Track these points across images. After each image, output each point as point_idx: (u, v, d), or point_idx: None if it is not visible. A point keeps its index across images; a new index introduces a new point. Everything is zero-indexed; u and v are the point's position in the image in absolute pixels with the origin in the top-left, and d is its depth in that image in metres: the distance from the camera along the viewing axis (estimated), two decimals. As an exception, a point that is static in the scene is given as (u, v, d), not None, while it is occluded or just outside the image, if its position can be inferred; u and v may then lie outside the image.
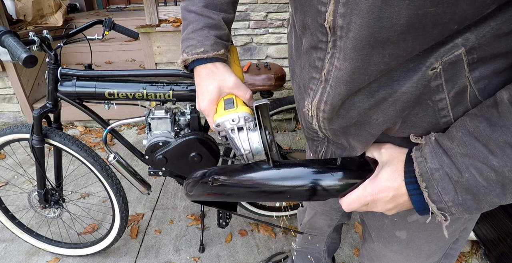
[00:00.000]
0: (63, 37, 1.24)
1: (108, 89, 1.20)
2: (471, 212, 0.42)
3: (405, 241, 0.63)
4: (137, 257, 1.57)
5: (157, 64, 2.82)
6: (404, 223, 0.61)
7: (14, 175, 2.21)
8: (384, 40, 0.37)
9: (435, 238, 0.61)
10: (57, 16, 3.26)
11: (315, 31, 0.45)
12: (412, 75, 0.40)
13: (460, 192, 0.40)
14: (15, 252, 1.60)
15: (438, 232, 0.60)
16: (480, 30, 0.36)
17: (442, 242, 0.62)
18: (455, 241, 0.64)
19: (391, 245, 0.66)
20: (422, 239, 0.62)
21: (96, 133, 2.81)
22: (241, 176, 0.54)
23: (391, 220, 0.63)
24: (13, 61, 1.02)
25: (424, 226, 0.59)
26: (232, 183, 0.55)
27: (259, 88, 1.34)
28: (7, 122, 2.98)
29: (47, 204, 1.43)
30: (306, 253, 1.14)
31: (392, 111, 0.44)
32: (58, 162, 1.42)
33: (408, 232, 0.62)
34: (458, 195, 0.41)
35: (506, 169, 0.37)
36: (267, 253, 1.60)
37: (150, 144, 1.25)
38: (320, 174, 0.51)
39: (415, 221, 0.59)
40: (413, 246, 0.63)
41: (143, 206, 1.93)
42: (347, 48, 0.40)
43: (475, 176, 0.39)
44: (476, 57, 0.38)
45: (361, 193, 0.48)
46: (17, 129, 1.28)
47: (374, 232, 0.69)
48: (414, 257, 0.65)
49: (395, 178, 0.45)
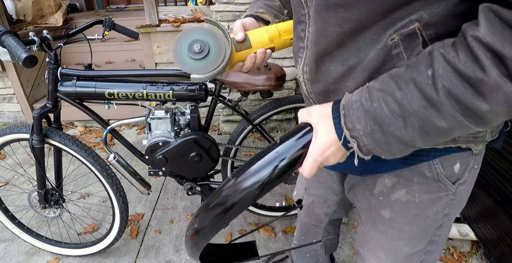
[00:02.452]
0: (63, 37, 1.24)
1: (108, 89, 1.20)
2: (381, 146, 0.46)
3: (389, 221, 0.67)
4: (137, 257, 1.57)
5: (157, 64, 2.82)
6: (388, 201, 0.66)
7: (14, 175, 2.21)
8: (335, 4, 0.47)
9: (416, 218, 0.65)
10: (57, 16, 3.26)
11: (298, 8, 0.56)
12: (376, 45, 0.48)
13: (369, 121, 0.46)
14: (15, 252, 1.60)
15: (418, 212, 0.64)
16: (432, 9, 0.43)
17: (424, 225, 0.65)
18: (439, 227, 0.67)
19: (377, 225, 0.70)
20: (404, 219, 0.66)
21: (96, 133, 2.81)
22: (208, 207, 0.58)
23: (377, 198, 0.67)
24: (13, 61, 1.02)
25: (406, 205, 0.64)
26: (208, 217, 0.58)
27: (259, 88, 1.34)
28: (7, 122, 2.98)
29: (47, 204, 1.43)
30: (305, 252, 1.14)
31: (361, 77, 0.51)
32: (58, 162, 1.42)
33: (391, 211, 0.66)
34: (367, 124, 0.46)
35: (406, 102, 0.42)
36: (267, 253, 1.60)
37: (150, 144, 1.25)
38: (270, 159, 0.53)
39: (397, 199, 0.64)
40: (396, 226, 0.67)
41: (143, 206, 1.93)
42: (312, 14, 0.51)
43: (383, 107, 0.44)
44: (433, 33, 0.45)
45: (311, 159, 0.52)
46: (17, 129, 1.28)
47: (363, 214, 0.73)
48: (397, 238, 0.68)
49: (331, 133, 0.50)
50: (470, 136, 0.55)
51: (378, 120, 0.45)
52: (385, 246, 0.71)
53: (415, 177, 0.61)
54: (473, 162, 0.60)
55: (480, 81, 0.36)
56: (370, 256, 0.77)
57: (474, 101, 0.38)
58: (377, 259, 0.75)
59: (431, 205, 0.63)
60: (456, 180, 0.61)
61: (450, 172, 0.60)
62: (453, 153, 0.57)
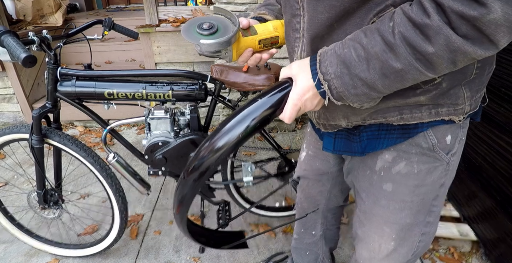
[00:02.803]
0: (63, 37, 1.24)
1: (107, 89, 1.19)
2: (349, 90, 0.53)
3: (391, 193, 0.72)
4: (137, 258, 1.57)
5: (157, 64, 2.82)
6: (389, 175, 0.71)
7: (13, 176, 2.21)
8: None
9: (416, 188, 0.70)
10: (57, 16, 3.25)
11: (293, 3, 0.62)
12: (360, 27, 0.54)
13: (340, 65, 0.52)
14: (15, 253, 1.60)
15: (417, 182, 0.70)
16: None
17: (423, 194, 0.71)
18: (436, 197, 0.73)
19: (379, 200, 0.75)
20: (405, 190, 0.71)
21: (96, 133, 2.81)
22: (202, 148, 0.61)
23: (379, 174, 0.73)
24: (12, 61, 1.02)
25: (406, 176, 0.69)
26: (202, 156, 0.61)
27: (259, 88, 1.34)
28: (6, 122, 2.98)
29: (47, 204, 1.42)
30: (304, 249, 1.14)
31: None
32: (58, 162, 1.41)
33: (393, 184, 0.71)
34: (338, 68, 0.53)
35: (370, 46, 0.49)
36: (267, 253, 1.60)
37: (149, 144, 1.25)
38: (254, 108, 0.59)
39: (398, 172, 0.70)
40: (397, 198, 0.72)
41: (143, 206, 1.92)
42: (305, 5, 0.59)
43: (351, 52, 0.51)
44: None
45: (291, 103, 0.58)
46: (17, 129, 1.28)
47: (364, 193, 0.78)
48: (399, 210, 0.73)
49: (308, 79, 0.57)
50: (451, 109, 0.62)
51: (347, 63, 0.52)
52: (389, 219, 0.75)
53: (413, 148, 0.67)
54: (461, 134, 0.68)
55: (427, 25, 0.44)
56: (372, 233, 0.80)
57: (422, 43, 0.45)
58: (380, 234, 0.78)
59: (429, 175, 0.69)
60: (449, 151, 0.67)
61: (443, 143, 0.66)
62: (442, 125, 0.64)
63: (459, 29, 0.43)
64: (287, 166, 1.54)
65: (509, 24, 0.41)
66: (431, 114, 0.62)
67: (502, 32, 0.42)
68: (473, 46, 0.43)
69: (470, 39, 0.43)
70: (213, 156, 0.59)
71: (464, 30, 0.42)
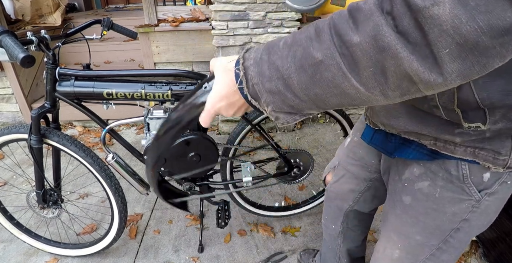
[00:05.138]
0: (62, 36, 1.23)
1: (106, 89, 1.19)
2: (263, 81, 0.44)
3: (408, 206, 0.70)
4: (136, 257, 1.57)
5: (156, 64, 2.82)
6: (411, 189, 0.69)
7: (12, 176, 2.20)
8: None
9: (433, 212, 0.67)
10: (56, 16, 3.25)
11: None
12: None
13: (263, 50, 0.45)
14: (14, 252, 1.60)
15: (436, 207, 0.66)
16: None
17: (439, 221, 0.67)
18: (456, 230, 0.67)
19: (396, 208, 0.74)
20: (421, 209, 0.68)
21: (95, 133, 2.80)
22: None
23: (403, 184, 0.71)
24: (11, 61, 1.02)
25: (426, 196, 0.66)
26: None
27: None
28: (5, 122, 2.98)
29: (46, 204, 1.42)
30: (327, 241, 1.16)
31: None
32: (57, 162, 1.41)
33: (412, 198, 0.69)
34: (260, 53, 0.45)
35: (298, 33, 0.43)
36: (266, 253, 1.60)
37: (149, 144, 1.25)
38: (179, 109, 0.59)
39: (419, 189, 0.67)
40: (411, 213, 0.70)
41: (142, 206, 1.92)
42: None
43: (281, 39, 0.44)
44: None
45: (206, 111, 0.52)
46: (15, 129, 1.28)
47: (389, 195, 0.78)
48: (411, 224, 0.71)
49: (222, 87, 0.48)
50: (490, 155, 0.55)
51: (270, 48, 0.44)
52: (398, 229, 0.75)
53: (441, 172, 0.63)
54: (506, 177, 0.58)
55: (358, 9, 0.36)
56: (383, 236, 0.81)
57: (348, 30, 0.36)
58: (388, 239, 0.79)
59: (450, 204, 0.64)
60: (483, 189, 0.60)
61: (479, 178, 0.59)
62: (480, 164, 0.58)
63: (401, 20, 0.32)
64: (287, 166, 1.54)
65: (456, 35, 0.30)
66: (466, 152, 0.56)
67: (448, 47, 0.31)
68: (408, 52, 0.32)
69: (410, 43, 0.32)
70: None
71: (405, 23, 0.32)
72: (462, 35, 0.30)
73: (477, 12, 0.29)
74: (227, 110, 0.51)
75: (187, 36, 2.70)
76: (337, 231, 1.09)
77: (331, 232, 1.13)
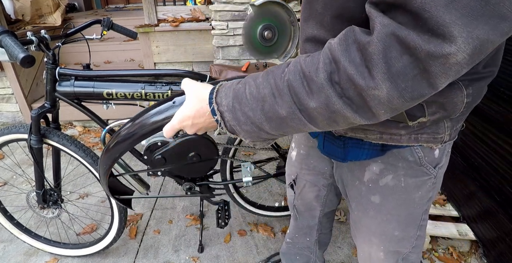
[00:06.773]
0: (62, 36, 1.23)
1: (106, 89, 1.19)
2: (240, 125, 0.52)
3: (379, 205, 0.72)
4: (136, 257, 1.57)
5: (156, 64, 2.82)
6: (377, 187, 0.71)
7: (12, 176, 2.20)
8: None
9: (404, 202, 0.70)
10: (56, 16, 3.25)
11: None
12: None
13: (233, 99, 0.51)
14: (14, 252, 1.60)
15: (405, 196, 0.69)
16: None
17: (411, 208, 0.71)
18: (425, 211, 0.73)
19: (367, 211, 0.75)
20: (392, 203, 0.71)
21: (95, 133, 2.80)
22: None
23: (367, 186, 0.72)
24: (11, 61, 1.02)
25: (393, 190, 0.69)
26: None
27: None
28: (5, 122, 2.98)
29: (46, 204, 1.42)
30: (294, 254, 1.13)
31: None
32: (57, 162, 1.41)
33: (380, 196, 0.71)
34: (231, 102, 0.52)
35: (262, 87, 0.49)
36: (266, 253, 1.60)
37: (148, 144, 1.25)
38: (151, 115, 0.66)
39: (385, 184, 0.69)
40: (384, 210, 0.72)
41: (142, 206, 1.92)
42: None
43: (245, 88, 0.51)
44: None
45: (170, 124, 0.60)
46: (15, 129, 1.28)
47: (354, 202, 0.78)
48: (387, 222, 0.73)
49: (191, 110, 0.57)
50: (430, 137, 0.62)
51: (239, 98, 0.51)
52: (376, 230, 0.76)
53: (400, 162, 0.66)
54: (448, 147, 0.68)
55: (312, 80, 0.44)
56: (362, 242, 0.81)
57: (305, 96, 0.45)
58: (369, 244, 0.79)
59: (416, 189, 0.68)
60: (437, 164, 0.67)
61: (432, 157, 0.66)
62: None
63: (347, 91, 0.42)
64: (286, 166, 1.54)
65: (391, 105, 0.41)
66: (410, 139, 0.62)
67: (384, 109, 0.42)
68: (352, 113, 0.43)
69: (354, 105, 0.43)
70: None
71: (351, 93, 0.42)
72: (393, 104, 0.41)
73: (405, 91, 0.39)
74: (190, 129, 0.59)
75: (187, 36, 2.70)
76: (311, 242, 1.08)
77: (304, 245, 1.10)
